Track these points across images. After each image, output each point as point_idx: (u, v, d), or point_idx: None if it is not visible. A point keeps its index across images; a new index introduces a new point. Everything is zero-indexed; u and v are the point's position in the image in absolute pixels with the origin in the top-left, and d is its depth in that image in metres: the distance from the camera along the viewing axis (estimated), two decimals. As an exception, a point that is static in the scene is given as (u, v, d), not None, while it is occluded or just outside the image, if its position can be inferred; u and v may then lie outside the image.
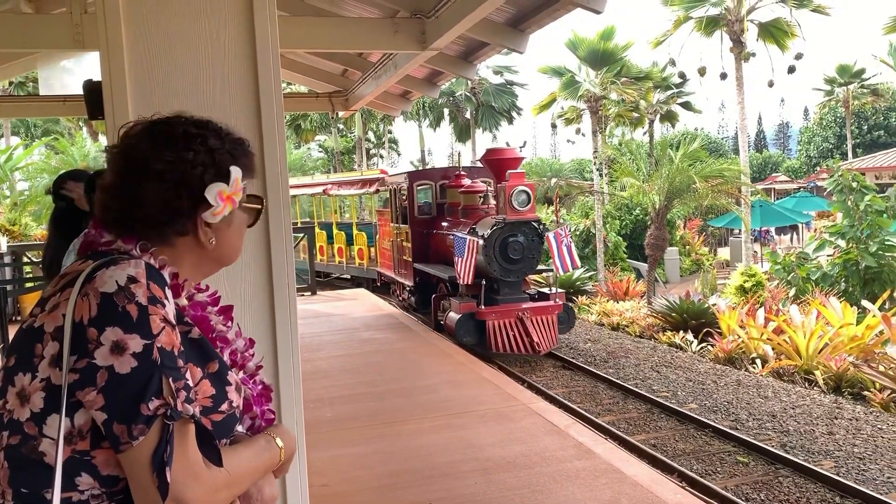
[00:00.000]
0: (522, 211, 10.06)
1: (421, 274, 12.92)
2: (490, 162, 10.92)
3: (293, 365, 2.64)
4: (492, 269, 10.12)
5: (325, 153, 50.33)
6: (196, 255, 1.37)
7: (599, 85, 25.79)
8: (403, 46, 7.08)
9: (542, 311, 10.25)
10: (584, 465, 5.18)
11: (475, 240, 9.80)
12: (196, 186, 1.31)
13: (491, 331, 10.01)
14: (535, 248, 10.38)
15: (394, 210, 14.43)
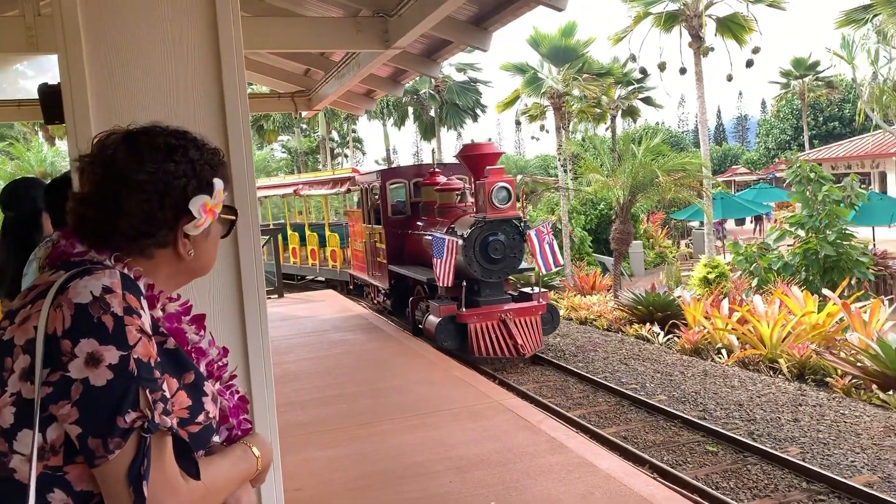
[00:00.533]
0: (503, 208, 9.67)
1: (396, 276, 12.47)
2: (467, 158, 10.47)
3: (265, 370, 2.61)
4: (472, 270, 9.76)
5: (289, 154, 49.95)
6: (172, 267, 1.35)
7: (562, 81, 25.95)
8: (366, 45, 7.04)
9: (526, 311, 9.91)
10: (557, 460, 5.22)
11: (454, 240, 9.44)
12: (179, 198, 1.29)
13: (473, 334, 9.62)
14: (517, 247, 10.01)
15: (366, 210, 13.93)
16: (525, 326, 9.78)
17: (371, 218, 13.46)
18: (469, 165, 10.50)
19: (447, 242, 9.32)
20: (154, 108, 2.35)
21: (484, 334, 9.63)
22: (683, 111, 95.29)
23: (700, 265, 16.31)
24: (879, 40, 22.81)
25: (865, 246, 14.79)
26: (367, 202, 13.71)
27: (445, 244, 9.32)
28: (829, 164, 30.43)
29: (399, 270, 12.13)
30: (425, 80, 33.13)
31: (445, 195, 11.43)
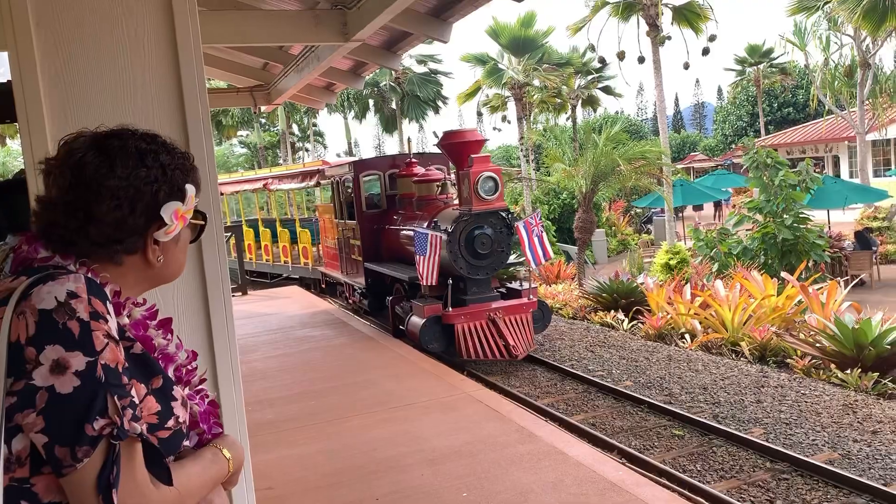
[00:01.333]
0: (489, 200, 8.92)
1: (373, 274, 11.65)
2: (449, 146, 9.54)
3: (233, 370, 2.58)
4: (458, 267, 9.02)
5: (249, 149, 49.34)
6: (140, 273, 1.33)
7: (522, 72, 26.05)
8: (325, 38, 6.97)
9: (516, 309, 9.20)
10: (527, 449, 5.25)
11: (438, 235, 8.70)
12: (151, 204, 1.27)
13: (460, 335, 8.86)
14: (505, 241, 9.25)
15: (337, 204, 13.12)
16: (516, 325, 9.13)
17: (344, 213, 12.70)
18: (451, 154, 9.68)
19: (430, 238, 8.61)
20: (111, 105, 2.29)
21: (472, 335, 8.92)
22: (642, 100, 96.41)
23: (661, 252, 16.53)
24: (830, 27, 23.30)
25: (821, 229, 15.13)
26: (339, 196, 12.97)
27: (428, 240, 8.60)
28: (785, 150, 31.09)
29: (376, 268, 11.40)
30: (385, 72, 32.99)
31: (424, 187, 10.70)
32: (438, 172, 10.83)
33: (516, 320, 9.15)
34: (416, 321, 9.15)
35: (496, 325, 8.97)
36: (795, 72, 41.74)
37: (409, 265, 10.07)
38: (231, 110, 36.77)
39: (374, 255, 11.74)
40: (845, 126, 27.78)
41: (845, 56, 24.25)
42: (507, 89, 27.10)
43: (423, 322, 8.96)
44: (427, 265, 8.71)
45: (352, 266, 12.55)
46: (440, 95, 37.22)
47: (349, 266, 12.67)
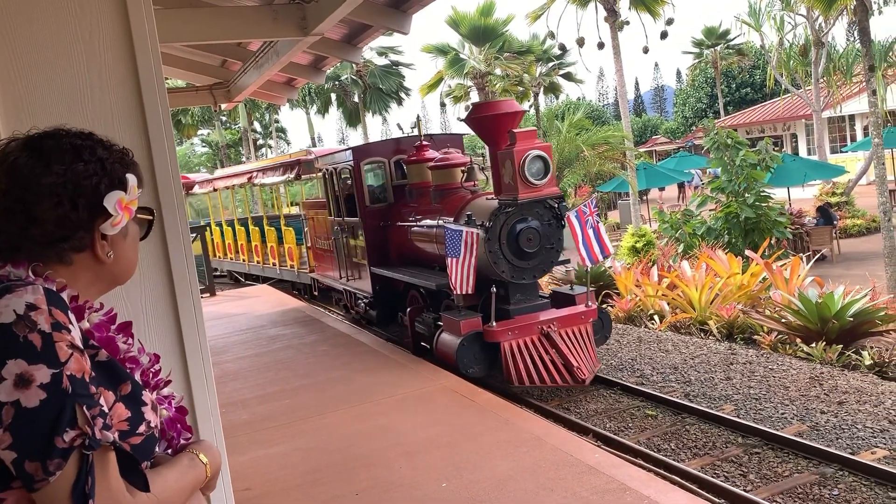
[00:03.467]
0: (539, 185, 7.09)
1: (382, 281, 9.79)
2: (479, 122, 7.61)
3: (205, 372, 2.55)
4: (499, 270, 7.26)
5: (210, 148, 48.72)
6: (93, 273, 1.30)
7: (484, 61, 26.06)
8: (284, 33, 6.89)
9: (573, 320, 7.35)
10: (504, 437, 5.28)
11: (474, 231, 6.97)
12: (93, 197, 1.24)
13: (508, 356, 7.03)
14: (554, 235, 7.49)
15: (332, 199, 11.17)
16: (575, 340, 7.29)
17: (341, 208, 10.77)
18: (482, 132, 7.79)
19: (465, 236, 6.93)
20: (67, 108, 2.24)
21: (523, 355, 7.06)
22: (603, 85, 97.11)
23: (628, 235, 16.70)
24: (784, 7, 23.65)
25: (782, 206, 15.43)
26: (334, 189, 11.00)
27: (463, 238, 6.94)
28: (744, 129, 31.58)
29: (386, 273, 9.54)
30: (347, 65, 32.76)
31: (444, 174, 8.81)
32: (461, 156, 9.16)
33: (575, 334, 7.34)
34: (450, 340, 7.32)
35: (551, 340, 7.17)
36: (752, 52, 42.33)
37: (426, 269, 8.78)
38: (191, 109, 36.26)
39: (382, 257, 9.91)
40: (802, 104, 28.29)
41: (799, 36, 24.69)
42: (469, 79, 27.10)
43: (460, 341, 7.12)
44: (461, 269, 7.01)
45: (354, 271, 10.74)
46: (403, 87, 37.10)
47: (350, 271, 10.83)
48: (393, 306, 9.81)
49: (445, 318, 7.62)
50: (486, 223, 7.19)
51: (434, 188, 8.88)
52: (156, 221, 1.49)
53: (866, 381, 6.93)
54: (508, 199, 7.24)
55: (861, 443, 5.63)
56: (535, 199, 7.25)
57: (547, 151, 7.22)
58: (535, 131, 7.60)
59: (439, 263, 8.04)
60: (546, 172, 7.16)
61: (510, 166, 7.14)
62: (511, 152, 7.08)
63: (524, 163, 7.02)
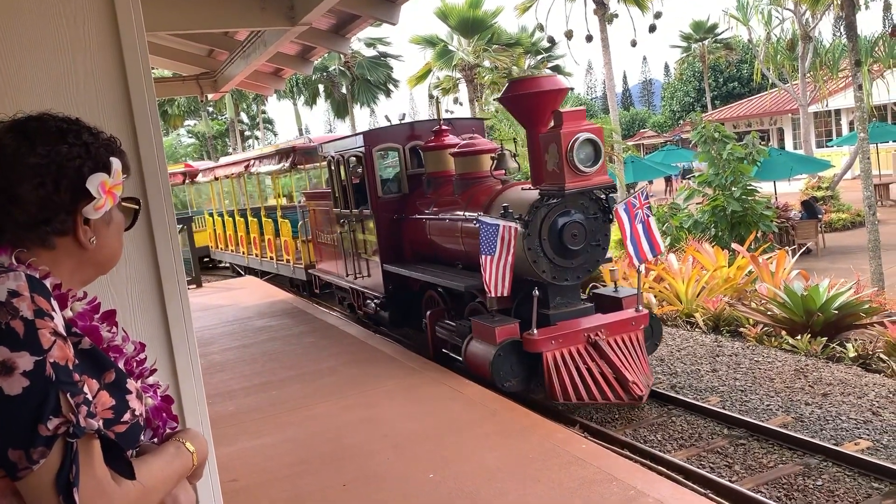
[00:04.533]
0: (588, 173, 6.17)
1: (396, 279, 8.97)
2: (517, 101, 6.73)
3: (191, 361, 2.53)
4: (538, 270, 6.43)
5: (197, 138, 48.42)
6: (76, 260, 1.29)
7: (472, 53, 26.01)
8: (271, 23, 6.85)
9: (623, 327, 6.52)
10: (492, 429, 5.30)
11: (512, 226, 6.17)
12: (76, 179, 1.23)
13: (552, 369, 6.17)
14: (601, 231, 6.73)
15: (338, 189, 10.21)
16: (627, 350, 6.44)
17: (349, 200, 9.81)
18: (520, 112, 6.94)
19: (502, 230, 6.17)
20: (53, 92, 2.21)
21: (568, 367, 6.21)
22: (591, 78, 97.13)
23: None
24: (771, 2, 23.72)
25: (768, 200, 15.50)
26: (340, 178, 10.06)
27: (499, 233, 6.17)
28: (731, 123, 31.71)
29: (402, 272, 8.69)
30: (335, 56, 32.62)
31: (469, 161, 7.91)
32: (488, 141, 8.42)
33: (626, 343, 6.48)
34: (483, 349, 6.48)
35: (599, 350, 6.34)
36: (739, 47, 42.48)
37: (446, 267, 8.06)
38: (177, 99, 36.01)
39: (395, 254, 9.10)
40: (788, 99, 28.42)
41: (786, 30, 24.76)
42: (457, 71, 27.06)
43: (495, 351, 6.27)
44: (496, 269, 6.22)
45: (363, 268, 9.78)
46: (391, 79, 36.99)
47: (358, 268, 9.90)
48: (407, 307, 8.98)
49: (477, 324, 6.71)
50: (525, 217, 6.35)
51: (457, 177, 7.97)
52: (142, 211, 1.48)
53: (850, 373, 6.99)
54: (553, 188, 6.29)
55: (845, 434, 5.69)
56: (584, 190, 6.32)
57: (598, 134, 6.24)
58: (583, 111, 6.56)
59: (462, 261, 7.58)
60: (597, 158, 6.22)
61: (555, 151, 6.18)
62: (557, 135, 6.12)
63: (573, 147, 6.07)
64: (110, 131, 1.39)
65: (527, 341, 6.30)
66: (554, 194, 6.31)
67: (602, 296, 7.26)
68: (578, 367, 6.23)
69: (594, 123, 6.50)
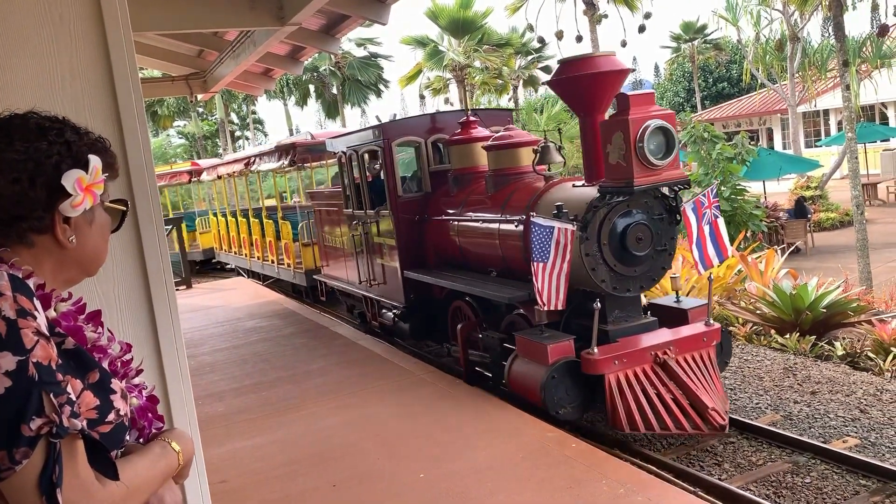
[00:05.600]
0: (659, 166, 5.21)
1: (417, 287, 8.07)
2: (572, 84, 5.75)
3: (179, 362, 2.52)
4: (597, 279, 5.59)
5: (186, 139, 48.24)
6: (56, 259, 1.28)
7: (463, 53, 26.02)
8: (261, 23, 6.83)
9: (694, 343, 5.64)
10: (482, 428, 5.30)
11: (569, 228, 5.32)
12: (52, 175, 1.22)
13: (615, 393, 5.30)
14: (668, 233, 5.81)
15: (350, 188, 9.29)
16: (699, 370, 5.56)
17: (363, 199, 8.87)
18: (573, 95, 5.99)
19: (557, 233, 5.33)
20: (36, 91, 2.20)
21: (634, 392, 5.32)
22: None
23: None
24: (760, 2, 23.83)
25: (758, 199, 15.58)
26: (353, 176, 9.13)
27: (554, 237, 5.33)
28: (721, 124, 31.82)
29: (426, 279, 7.77)
30: (325, 56, 32.57)
31: (505, 156, 7.03)
32: (527, 133, 7.60)
33: (698, 362, 5.62)
34: (532, 370, 5.59)
35: (668, 371, 5.47)
36: (729, 47, 42.62)
37: (478, 274, 7.15)
38: (166, 100, 35.87)
39: (417, 259, 8.18)
40: (777, 99, 28.56)
41: (775, 31, 24.87)
42: (448, 71, 27.08)
43: (548, 373, 5.38)
44: (550, 278, 5.40)
45: (378, 274, 8.89)
46: (381, 79, 36.96)
47: (373, 274, 8.99)
48: (430, 318, 8.11)
49: (524, 341, 5.80)
50: (582, 217, 5.47)
51: (491, 174, 7.09)
52: (129, 210, 1.47)
53: (838, 371, 7.03)
54: (616, 185, 5.33)
55: (833, 432, 5.72)
56: (654, 186, 5.40)
57: (670, 121, 5.31)
58: (653, 94, 5.58)
59: (497, 268, 6.84)
60: (670, 149, 5.28)
61: (621, 141, 5.24)
62: (624, 122, 5.17)
63: (642, 136, 5.13)
64: (96, 131, 1.37)
65: (585, 361, 5.38)
66: (618, 191, 5.35)
67: (663, 307, 6.27)
68: (646, 391, 5.35)
69: (665, 109, 5.54)
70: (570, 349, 5.52)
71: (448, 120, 8.49)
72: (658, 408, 5.28)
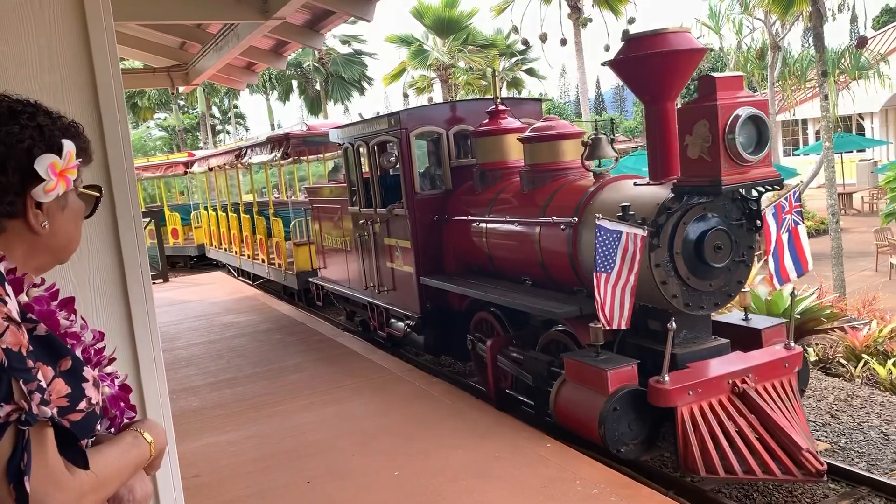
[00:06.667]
0: (750, 163, 4.44)
1: (435, 296, 7.24)
2: (641, 63, 4.96)
3: (154, 355, 2.50)
4: (668, 294, 4.79)
5: (167, 132, 47.81)
6: (28, 244, 1.27)
7: (447, 53, 26.04)
8: (245, 16, 6.80)
9: (775, 370, 4.83)
10: (457, 426, 5.31)
11: (638, 233, 4.56)
12: (24, 160, 1.21)
13: (689, 429, 4.47)
14: (746, 242, 5.02)
15: (359, 183, 8.31)
16: (781, 401, 4.74)
17: (373, 196, 8.00)
18: (641, 79, 5.14)
19: (625, 239, 4.56)
20: (13, 76, 2.18)
21: (712, 428, 4.47)
22: (565, 82, 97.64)
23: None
24: (742, 11, 24.09)
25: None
26: (360, 170, 8.33)
27: (621, 242, 4.57)
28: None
29: (449, 287, 6.89)
30: (309, 52, 32.44)
31: (546, 150, 6.17)
32: (569, 124, 6.65)
33: (780, 392, 4.80)
34: (588, 400, 4.76)
35: (748, 402, 4.62)
36: (711, 54, 43.06)
37: (510, 282, 6.35)
38: (147, 92, 35.53)
39: (435, 264, 7.33)
40: (757, 107, 28.83)
41: (757, 39, 25.15)
42: (432, 70, 27.08)
43: (609, 404, 4.56)
44: (614, 291, 4.62)
45: (387, 280, 8.00)
46: (365, 76, 36.84)
47: (381, 279, 8.12)
48: (448, 330, 7.26)
49: (576, 365, 4.93)
50: (651, 221, 4.65)
51: (527, 169, 6.26)
52: (106, 200, 1.46)
53: (811, 377, 7.11)
54: (700, 183, 4.51)
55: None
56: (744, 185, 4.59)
57: (763, 109, 4.50)
58: (741, 78, 4.68)
59: (533, 276, 6.07)
60: (762, 143, 4.50)
61: (706, 132, 4.45)
62: (712, 109, 4.38)
63: (734, 126, 4.35)
64: (74, 117, 1.36)
65: (654, 391, 4.53)
66: (699, 191, 4.59)
67: (731, 326, 5.40)
68: (724, 427, 4.49)
69: (756, 96, 4.64)
70: (633, 376, 4.72)
71: (471, 109, 7.68)
72: (739, 447, 4.42)
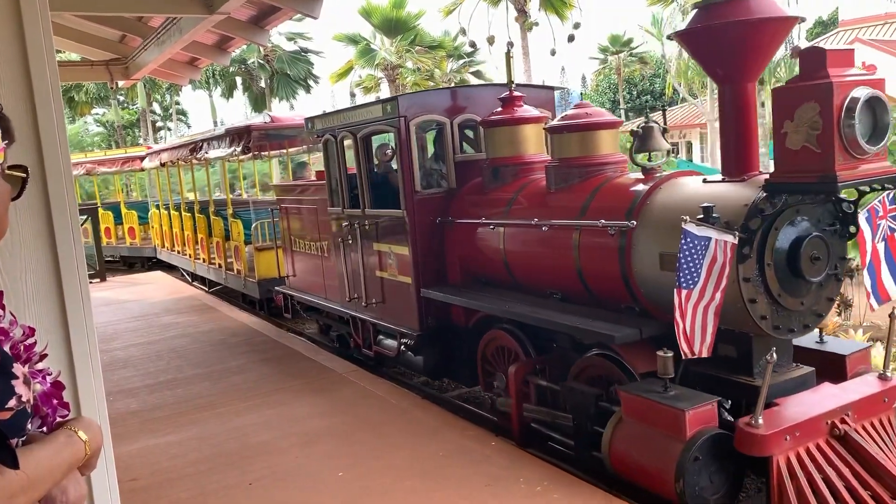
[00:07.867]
0: (868, 156, 3.63)
1: (438, 310, 6.30)
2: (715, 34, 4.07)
3: (90, 354, 2.43)
4: (756, 315, 4.00)
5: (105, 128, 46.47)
6: None
7: (395, 53, 25.99)
8: (188, 10, 6.67)
9: (874, 406, 4.07)
10: (404, 428, 5.30)
11: (728, 241, 3.73)
12: None
13: (788, 484, 3.63)
14: (838, 252, 4.24)
15: (341, 180, 7.23)
16: (885, 445, 3.97)
17: (362, 195, 6.88)
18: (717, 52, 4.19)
19: (713, 248, 3.73)
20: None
21: (813, 481, 3.66)
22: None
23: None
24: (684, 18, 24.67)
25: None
26: (343, 164, 7.21)
27: (710, 252, 3.73)
28: (644, 135, 32.74)
29: (451, 299, 6.03)
30: (254, 48, 31.96)
31: (579, 141, 5.25)
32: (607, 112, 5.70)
33: (880, 432, 4.02)
34: (657, 445, 3.94)
35: (850, 447, 3.84)
36: (653, 61, 44.00)
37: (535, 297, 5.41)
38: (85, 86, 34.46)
39: (437, 274, 6.37)
40: (697, 114, 29.64)
41: (697, 47, 25.79)
42: (380, 70, 26.97)
43: (689, 452, 3.73)
44: (695, 312, 3.77)
45: (376, 291, 6.94)
46: (311, 74, 36.44)
47: (369, 291, 7.03)
48: (451, 350, 6.43)
49: (636, 401, 4.07)
50: (740, 226, 3.84)
51: (556, 164, 5.32)
52: (40, 192, 1.41)
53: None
54: (805, 179, 3.69)
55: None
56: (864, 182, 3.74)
57: (880, 88, 3.66)
58: (853, 52, 3.82)
59: (564, 289, 5.18)
60: (881, 132, 3.67)
61: (815, 116, 3.55)
62: (826, 88, 3.50)
63: (852, 110, 3.51)
64: (7, 109, 1.31)
65: (747, 437, 3.69)
66: (803, 189, 3.78)
67: (807, 351, 4.57)
68: (828, 480, 3.66)
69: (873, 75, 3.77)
70: (713, 416, 3.87)
71: (475, 97, 6.68)
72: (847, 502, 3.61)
